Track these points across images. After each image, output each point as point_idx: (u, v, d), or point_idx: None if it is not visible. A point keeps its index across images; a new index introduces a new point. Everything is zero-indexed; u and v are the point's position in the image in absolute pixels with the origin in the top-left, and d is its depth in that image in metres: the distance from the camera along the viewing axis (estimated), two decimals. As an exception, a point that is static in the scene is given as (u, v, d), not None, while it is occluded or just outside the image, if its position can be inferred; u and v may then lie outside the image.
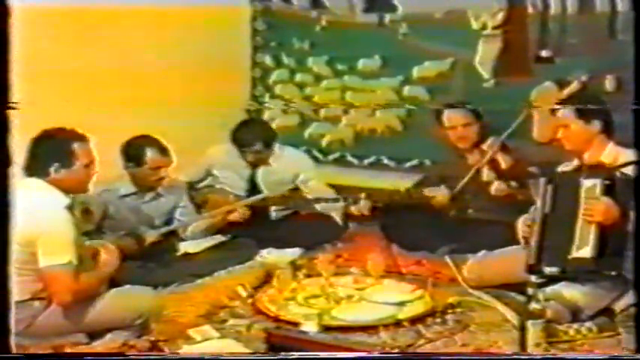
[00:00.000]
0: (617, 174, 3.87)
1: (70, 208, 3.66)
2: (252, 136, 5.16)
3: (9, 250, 3.56)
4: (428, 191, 4.90)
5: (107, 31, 5.06)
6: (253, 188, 5.21)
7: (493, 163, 4.81)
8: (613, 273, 3.78)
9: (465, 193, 4.83)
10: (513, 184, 4.73)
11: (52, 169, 3.72)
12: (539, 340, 3.52)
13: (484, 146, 4.87)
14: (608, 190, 3.84)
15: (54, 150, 3.75)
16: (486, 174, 4.82)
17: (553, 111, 4.37)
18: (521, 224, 4.11)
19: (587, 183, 3.89)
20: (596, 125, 4.09)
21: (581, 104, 4.18)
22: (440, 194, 4.85)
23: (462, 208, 4.84)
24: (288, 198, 5.15)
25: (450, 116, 4.96)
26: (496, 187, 4.77)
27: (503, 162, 4.81)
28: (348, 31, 5.78)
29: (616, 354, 3.58)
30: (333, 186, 5.29)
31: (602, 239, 3.80)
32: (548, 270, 3.83)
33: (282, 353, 3.59)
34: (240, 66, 5.96)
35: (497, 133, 4.85)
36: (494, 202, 4.74)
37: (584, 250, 3.81)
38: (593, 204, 3.83)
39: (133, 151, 4.70)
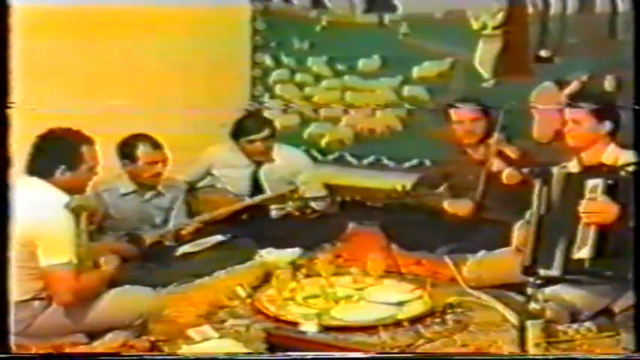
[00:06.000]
0: (622, 173, 3.86)
1: (70, 207, 3.66)
2: (256, 125, 5.19)
3: (9, 249, 3.57)
4: (447, 204, 4.88)
5: (107, 31, 5.06)
6: (255, 187, 5.20)
7: (502, 155, 4.81)
8: (609, 273, 3.77)
9: (471, 191, 4.83)
10: (525, 170, 4.71)
11: (57, 172, 3.72)
12: (539, 340, 3.52)
13: (490, 141, 4.87)
14: (611, 190, 3.82)
15: (62, 152, 3.75)
16: (496, 164, 4.80)
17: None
18: (517, 229, 4.11)
19: (590, 183, 3.88)
20: (606, 126, 4.09)
21: (592, 103, 4.18)
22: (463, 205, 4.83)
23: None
24: (286, 198, 5.15)
25: (458, 111, 4.96)
26: (508, 173, 4.75)
27: (512, 153, 4.80)
28: (348, 31, 5.77)
29: (616, 354, 3.59)
30: (332, 186, 5.28)
31: (602, 240, 3.79)
32: (543, 272, 3.82)
33: (282, 353, 3.60)
34: (240, 66, 5.96)
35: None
36: (503, 198, 4.71)
37: (583, 250, 3.81)
38: (591, 204, 3.83)
39: (127, 149, 4.77)
